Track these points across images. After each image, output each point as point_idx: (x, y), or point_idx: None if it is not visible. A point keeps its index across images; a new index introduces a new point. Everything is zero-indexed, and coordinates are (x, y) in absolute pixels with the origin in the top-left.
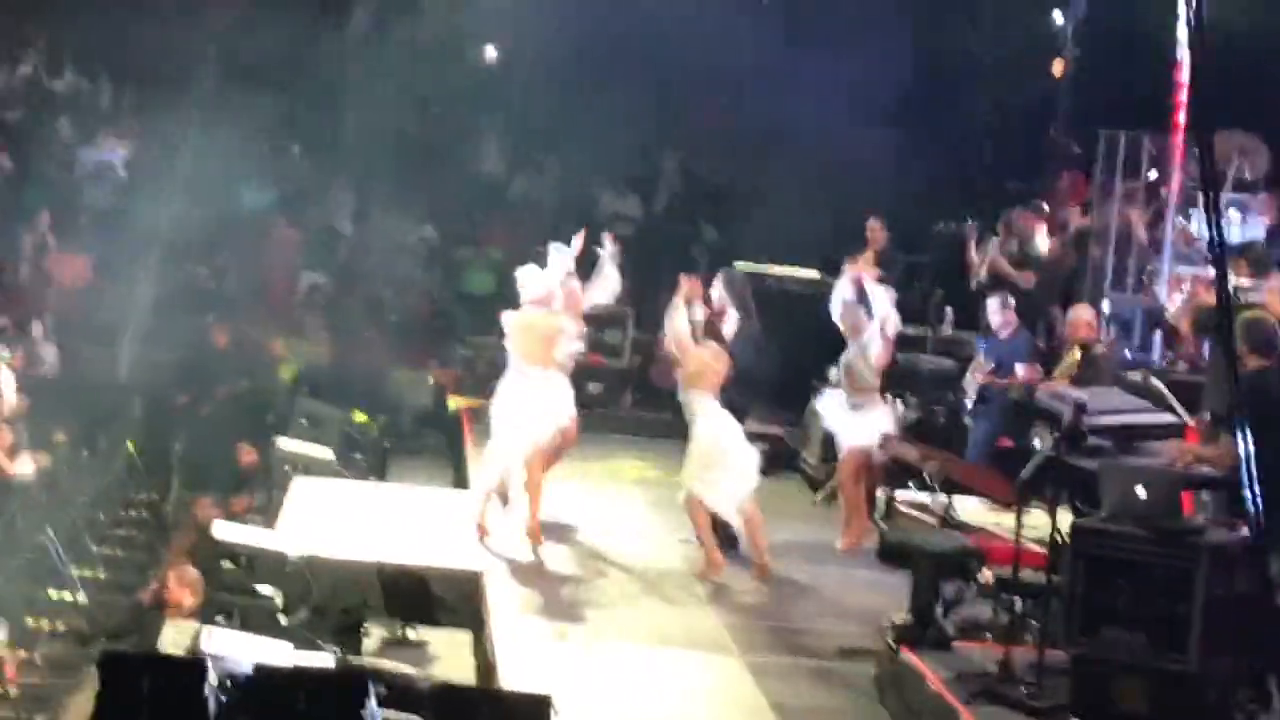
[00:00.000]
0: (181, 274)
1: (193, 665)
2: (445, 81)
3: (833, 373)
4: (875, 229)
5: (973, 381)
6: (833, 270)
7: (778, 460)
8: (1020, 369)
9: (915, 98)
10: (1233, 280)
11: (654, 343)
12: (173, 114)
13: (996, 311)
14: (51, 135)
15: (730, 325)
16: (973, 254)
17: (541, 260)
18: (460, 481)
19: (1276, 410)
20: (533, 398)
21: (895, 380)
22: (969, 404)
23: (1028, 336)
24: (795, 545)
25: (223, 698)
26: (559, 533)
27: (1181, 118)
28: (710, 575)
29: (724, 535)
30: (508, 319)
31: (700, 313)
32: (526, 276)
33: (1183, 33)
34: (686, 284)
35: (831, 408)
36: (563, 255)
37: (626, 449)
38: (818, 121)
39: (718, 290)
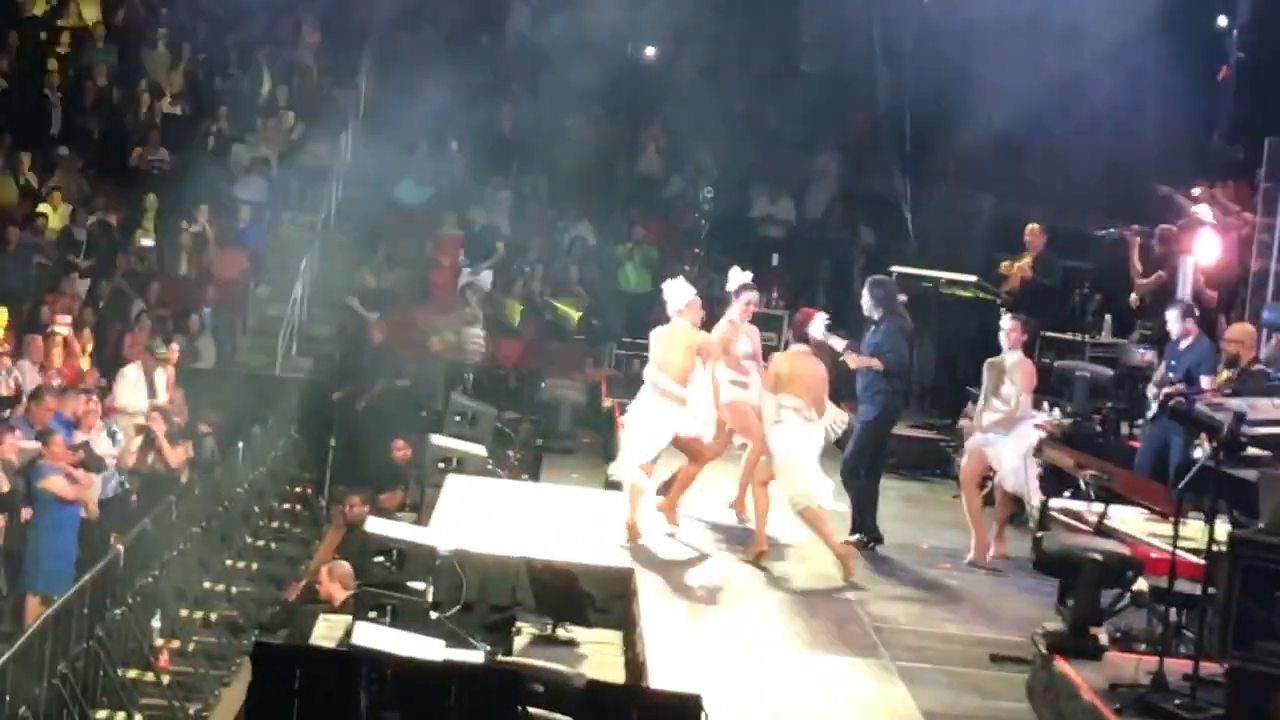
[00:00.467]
0: (342, 269)
1: (344, 659)
2: (605, 80)
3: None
4: (1034, 233)
5: (1153, 391)
6: (993, 276)
7: (929, 464)
8: (1206, 380)
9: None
10: None
11: None
12: (333, 110)
13: (1176, 321)
14: (210, 131)
15: (880, 330)
16: (1136, 263)
17: (696, 263)
18: (613, 482)
19: None
20: (661, 407)
21: (1052, 388)
22: (1150, 414)
23: (1209, 345)
24: (946, 551)
25: (374, 691)
26: (710, 533)
27: None
28: (851, 574)
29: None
30: (656, 332)
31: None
32: (672, 289)
33: None
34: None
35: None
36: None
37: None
38: (979, 122)
39: (865, 298)
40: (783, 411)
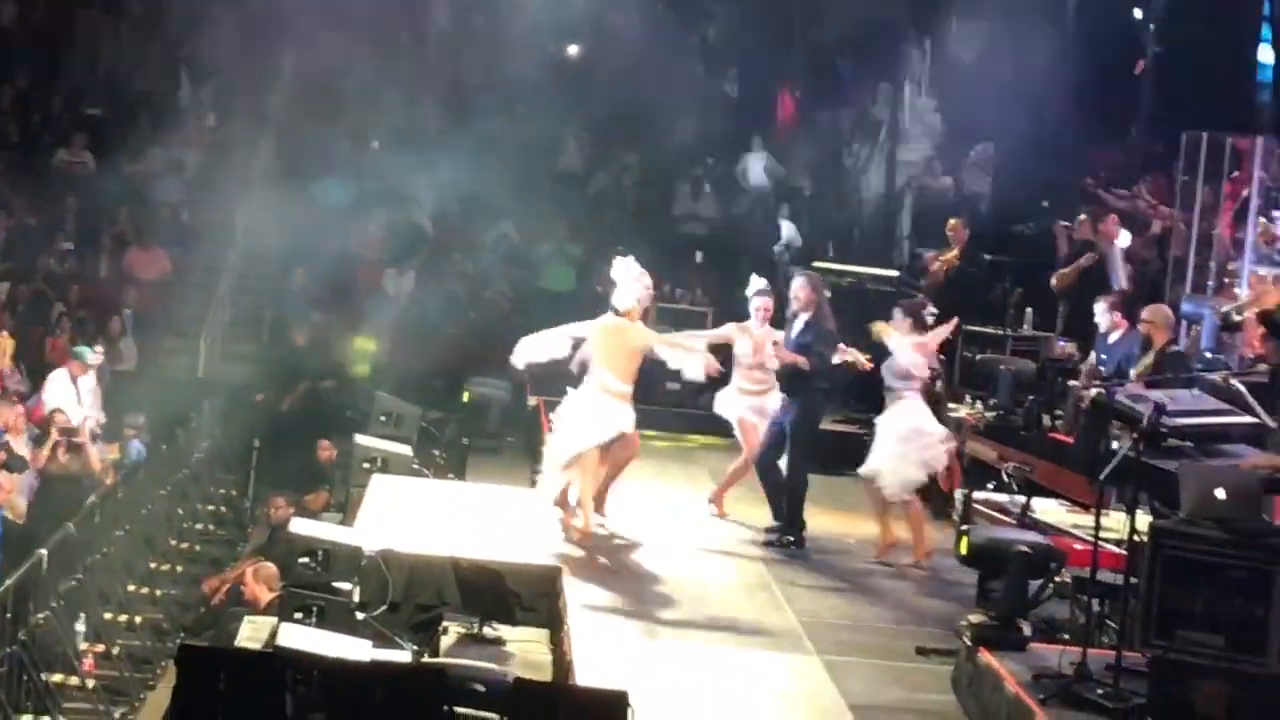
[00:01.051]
0: (262, 271)
1: (270, 660)
2: (527, 78)
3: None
4: (956, 227)
5: (1082, 384)
6: (914, 270)
7: (853, 458)
8: (1135, 373)
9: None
10: None
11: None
12: (252, 112)
13: (1104, 313)
14: (130, 133)
15: (810, 329)
16: (1065, 247)
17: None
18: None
19: None
20: (593, 404)
21: (974, 381)
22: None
23: (1139, 338)
24: (871, 545)
25: (300, 692)
26: (636, 532)
27: (1265, 117)
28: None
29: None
30: (595, 324)
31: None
32: (622, 289)
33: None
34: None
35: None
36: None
37: (706, 449)
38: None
39: (798, 291)
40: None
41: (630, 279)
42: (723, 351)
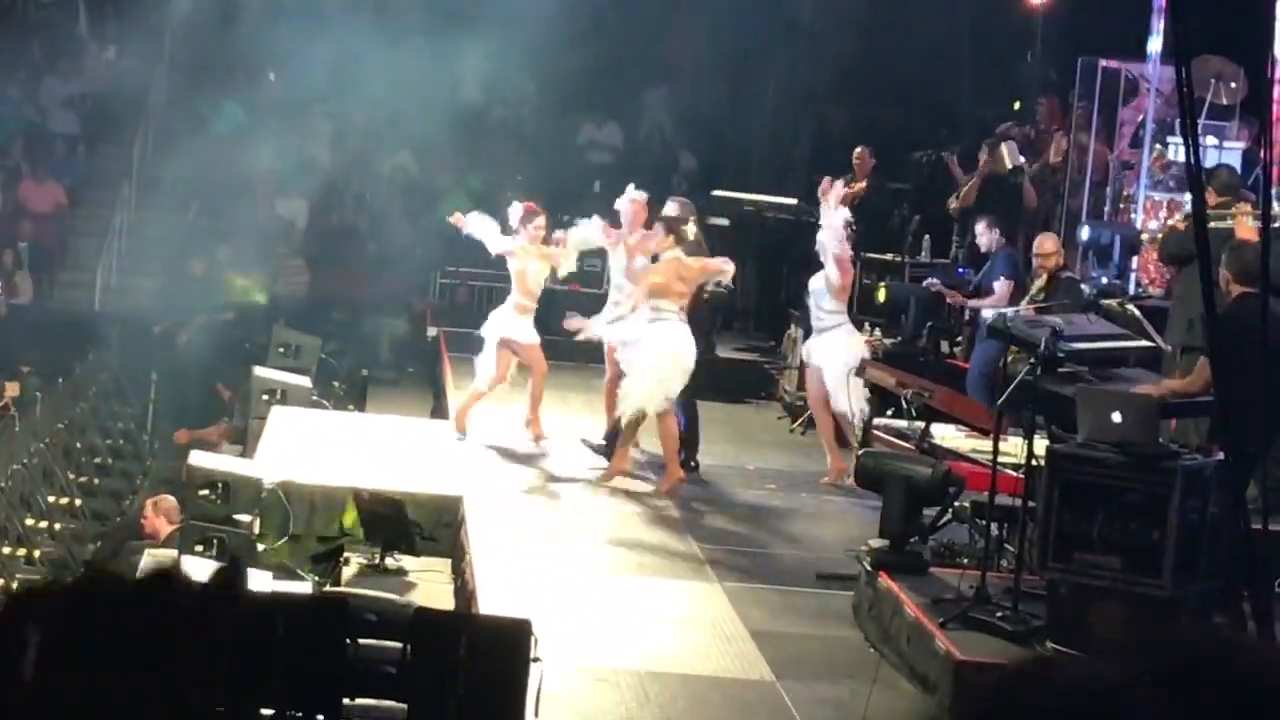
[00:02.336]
0: (158, 203)
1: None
2: (424, 8)
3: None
4: (862, 155)
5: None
6: (814, 199)
7: (754, 387)
8: (998, 285)
9: (890, 25)
10: None
11: None
12: (148, 41)
13: (984, 232)
14: (23, 60)
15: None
16: (956, 169)
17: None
18: (440, 411)
19: (1258, 338)
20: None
21: (873, 307)
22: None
23: (1007, 254)
24: (772, 473)
25: None
26: (537, 460)
27: (1158, 44)
28: (674, 490)
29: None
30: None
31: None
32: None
33: None
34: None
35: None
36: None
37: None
38: (794, 53)
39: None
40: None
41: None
42: None
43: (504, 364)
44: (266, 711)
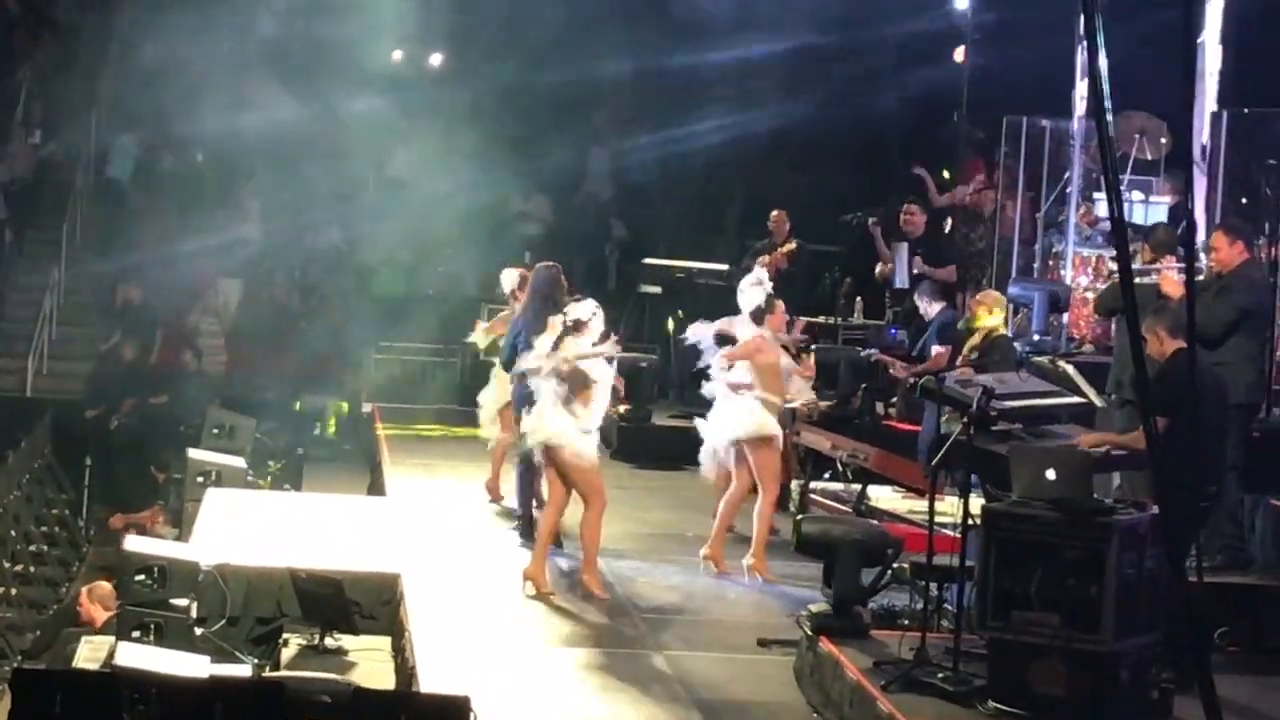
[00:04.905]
0: (90, 287)
1: (106, 680)
2: (352, 84)
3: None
4: (779, 219)
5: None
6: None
7: (691, 453)
8: (935, 348)
9: (819, 90)
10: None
11: None
12: (76, 129)
13: (925, 300)
14: None
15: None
16: (882, 249)
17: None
18: (376, 487)
19: (1201, 391)
20: None
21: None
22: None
23: (943, 321)
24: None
25: (138, 711)
26: (478, 535)
27: (1081, 102)
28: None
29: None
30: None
31: None
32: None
33: (1081, 18)
34: None
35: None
36: None
37: None
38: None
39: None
40: None
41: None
42: None
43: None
44: None
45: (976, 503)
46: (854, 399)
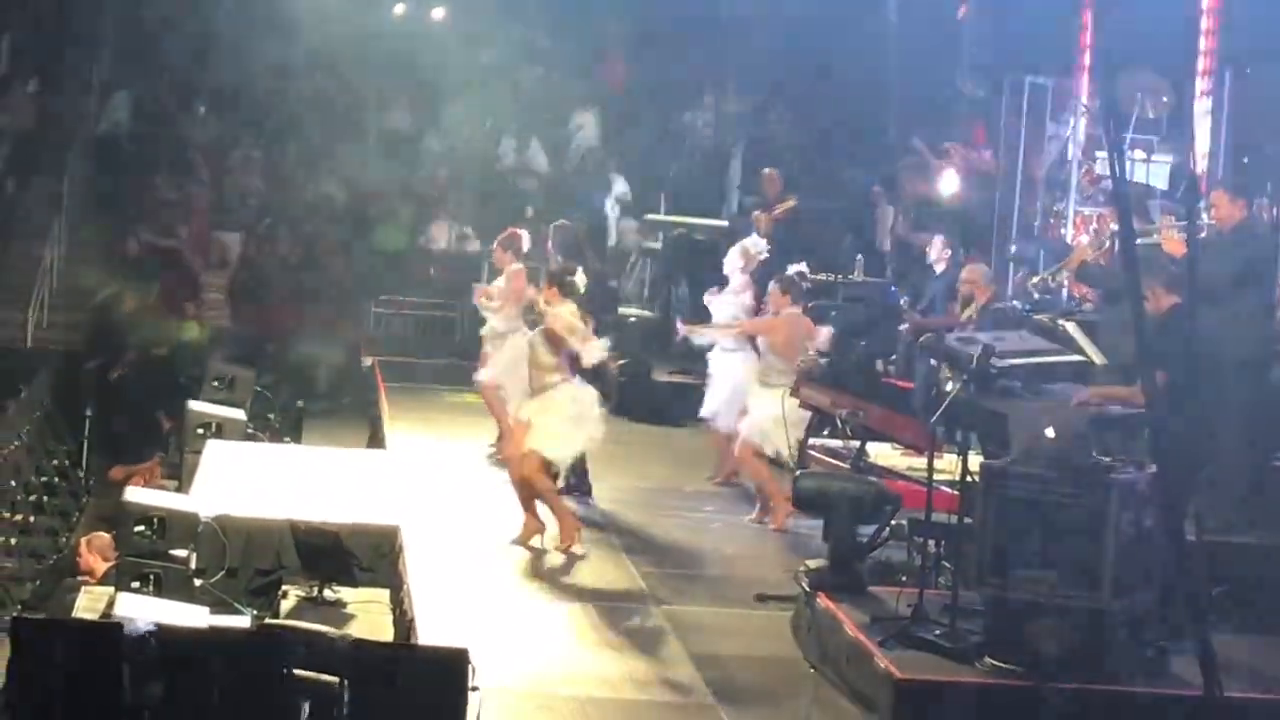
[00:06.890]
0: (93, 235)
1: (106, 630)
2: (354, 37)
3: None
4: (771, 178)
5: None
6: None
7: (690, 409)
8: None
9: (820, 50)
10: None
11: None
12: (75, 74)
13: (936, 246)
14: None
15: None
16: (884, 213)
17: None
18: (376, 440)
19: (1189, 346)
20: None
21: None
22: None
23: (953, 277)
24: (709, 494)
25: (137, 661)
26: (474, 487)
27: (1085, 59)
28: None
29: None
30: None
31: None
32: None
33: None
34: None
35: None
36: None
37: None
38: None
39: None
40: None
41: None
42: None
43: None
44: None
45: (975, 460)
46: (851, 355)
